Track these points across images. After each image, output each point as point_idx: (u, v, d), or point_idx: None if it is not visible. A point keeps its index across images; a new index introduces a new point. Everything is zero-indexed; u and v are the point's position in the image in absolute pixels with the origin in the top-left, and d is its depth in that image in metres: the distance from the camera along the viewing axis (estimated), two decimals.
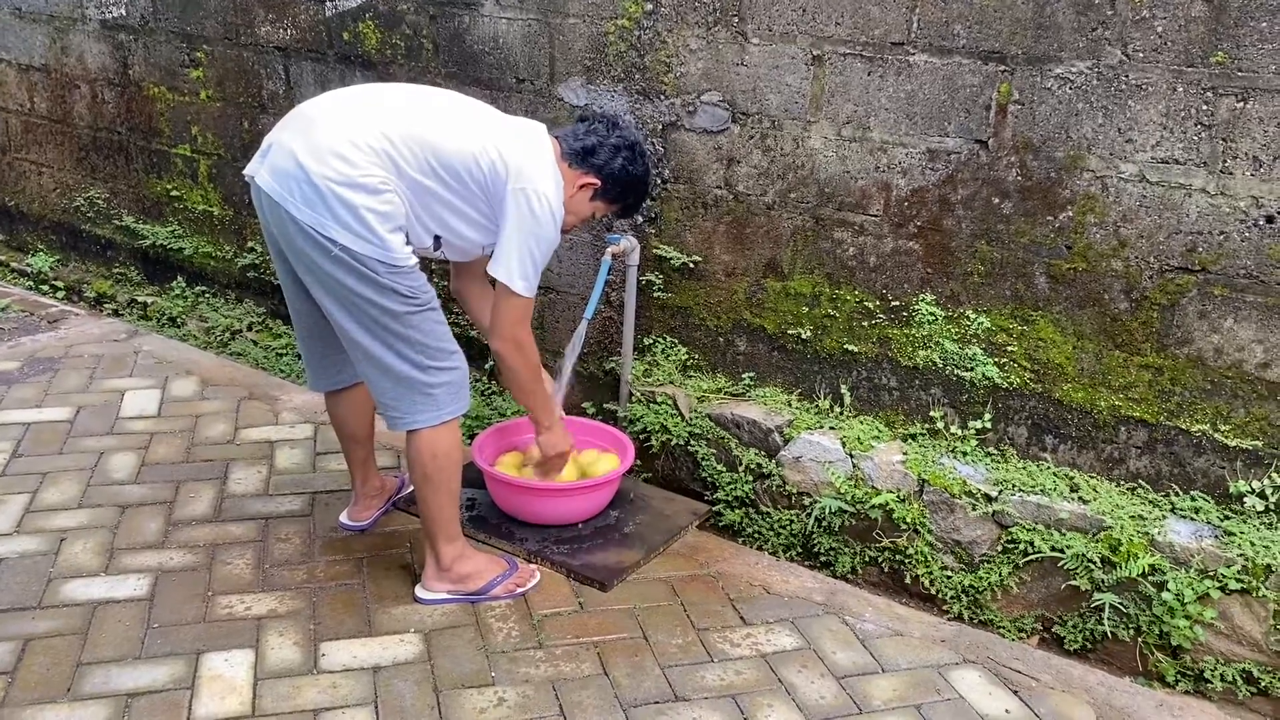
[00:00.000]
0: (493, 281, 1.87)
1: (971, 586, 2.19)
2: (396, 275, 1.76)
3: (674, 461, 2.60)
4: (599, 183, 1.91)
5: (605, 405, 2.75)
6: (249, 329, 3.45)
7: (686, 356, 2.66)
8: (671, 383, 2.64)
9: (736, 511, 2.50)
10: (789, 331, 2.49)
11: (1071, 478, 2.16)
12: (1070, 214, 2.05)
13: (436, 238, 1.84)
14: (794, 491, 2.41)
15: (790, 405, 2.50)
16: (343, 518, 2.32)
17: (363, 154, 1.71)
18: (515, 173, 1.80)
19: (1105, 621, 2.00)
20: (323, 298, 1.79)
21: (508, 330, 1.89)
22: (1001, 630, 2.14)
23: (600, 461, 2.41)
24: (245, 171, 1.81)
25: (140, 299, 3.63)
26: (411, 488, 2.35)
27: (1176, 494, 2.05)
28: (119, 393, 2.86)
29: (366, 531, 2.31)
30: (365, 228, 1.71)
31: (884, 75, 2.18)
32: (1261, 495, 1.94)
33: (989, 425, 2.27)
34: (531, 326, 1.94)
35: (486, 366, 2.86)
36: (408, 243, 1.78)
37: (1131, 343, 2.05)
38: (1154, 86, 1.90)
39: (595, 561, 2.21)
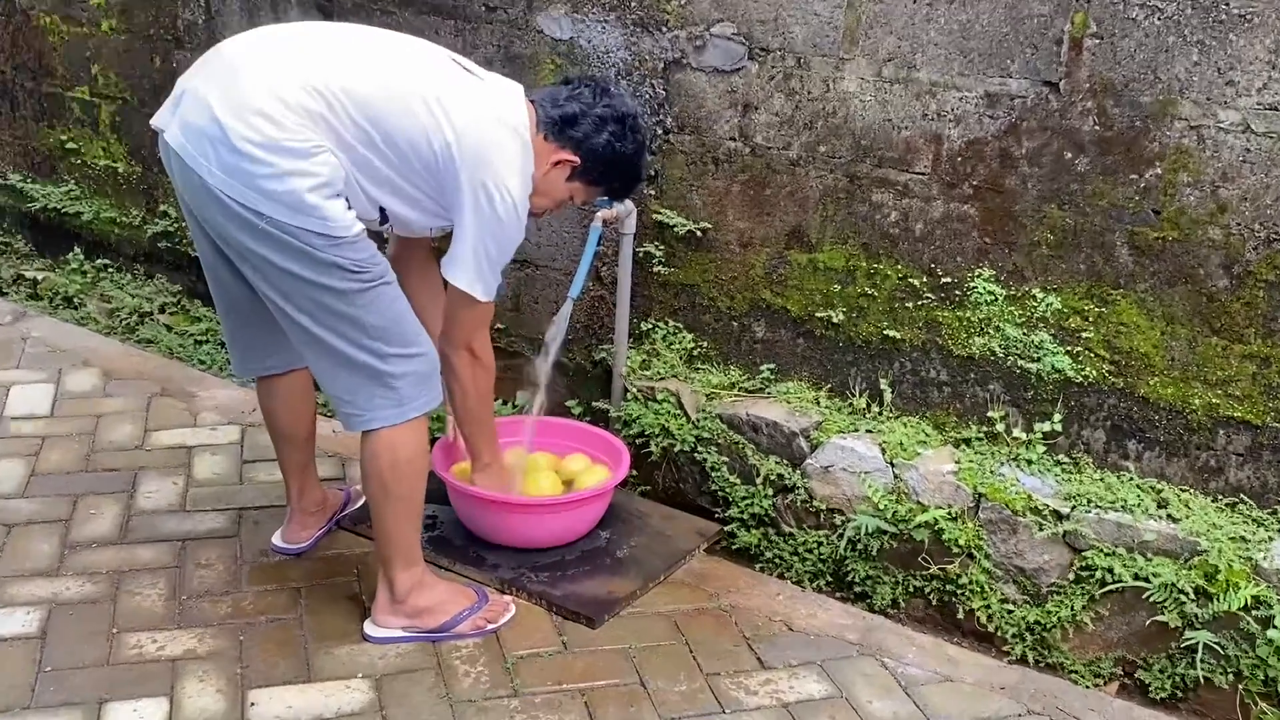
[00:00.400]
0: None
1: (1037, 623, 2.20)
2: (338, 248, 1.76)
3: (677, 472, 2.62)
4: (577, 160, 1.90)
5: (595, 404, 2.78)
6: (161, 310, 3.44)
7: (693, 345, 2.68)
8: (675, 376, 2.66)
9: (753, 532, 2.51)
10: (817, 314, 2.50)
11: (1159, 491, 2.17)
12: (1158, 171, 2.04)
13: (382, 210, 1.86)
14: (823, 508, 2.43)
15: (819, 404, 2.53)
16: (276, 539, 2.34)
17: (292, 114, 1.70)
18: (474, 159, 1.79)
19: (1199, 665, 1.99)
20: (254, 278, 1.80)
21: (463, 337, 1.92)
22: (1074, 675, 2.15)
23: (588, 472, 2.44)
24: (153, 123, 1.81)
25: (28, 274, 3.60)
26: (360, 502, 2.40)
27: None
28: (2, 388, 2.86)
29: (305, 555, 2.33)
30: (295, 195, 1.71)
31: (933, 3, 2.18)
32: None
33: (1059, 428, 2.27)
34: (505, 310, 1.94)
35: None
36: (349, 209, 1.78)
37: (1232, 328, 2.04)
38: (1261, 17, 1.89)
39: (582, 592, 2.22)
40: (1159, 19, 1.97)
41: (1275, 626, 1.92)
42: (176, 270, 3.50)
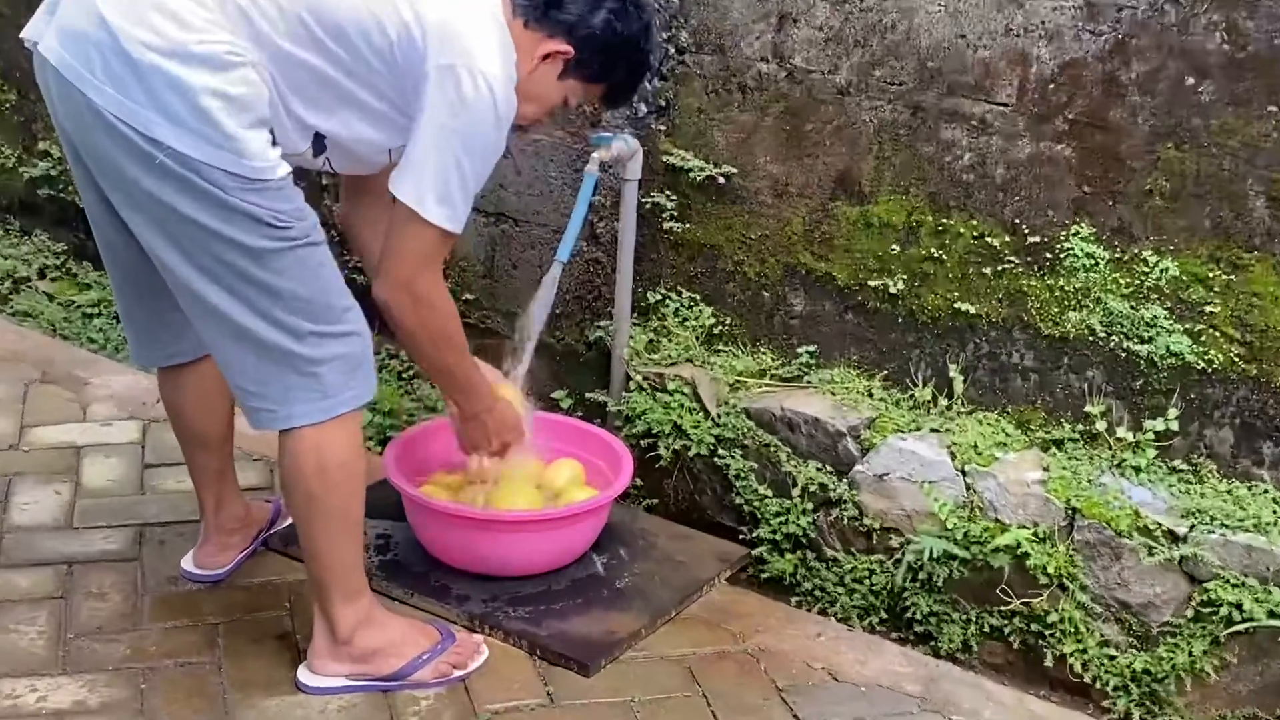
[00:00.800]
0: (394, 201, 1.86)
1: (1146, 672, 2.21)
2: (256, 193, 1.73)
3: (693, 481, 2.64)
4: (570, 50, 1.88)
5: (588, 395, 2.80)
6: (41, 275, 3.41)
7: (713, 321, 2.70)
8: (690, 360, 2.67)
9: (788, 557, 2.52)
10: (870, 283, 2.51)
11: None
12: None
13: (318, 137, 1.84)
14: (875, 527, 2.43)
15: (871, 395, 2.53)
16: (187, 563, 2.34)
17: (202, 10, 1.67)
18: (439, 41, 1.76)
19: None
20: (143, 229, 1.77)
21: (403, 272, 1.86)
22: None
23: (578, 482, 2.45)
24: (25, 35, 1.79)
25: None
26: (290, 519, 2.35)
27: None
28: None
29: (224, 584, 2.33)
30: (206, 121, 1.67)
31: None
32: None
33: (1174, 426, 2.27)
34: (476, 277, 1.93)
35: None
36: (274, 144, 1.76)
37: None
38: None
39: (572, 631, 2.22)
40: None
41: None
42: (61, 225, 3.47)
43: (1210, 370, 2.24)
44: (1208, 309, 2.22)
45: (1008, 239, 2.37)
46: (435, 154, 1.79)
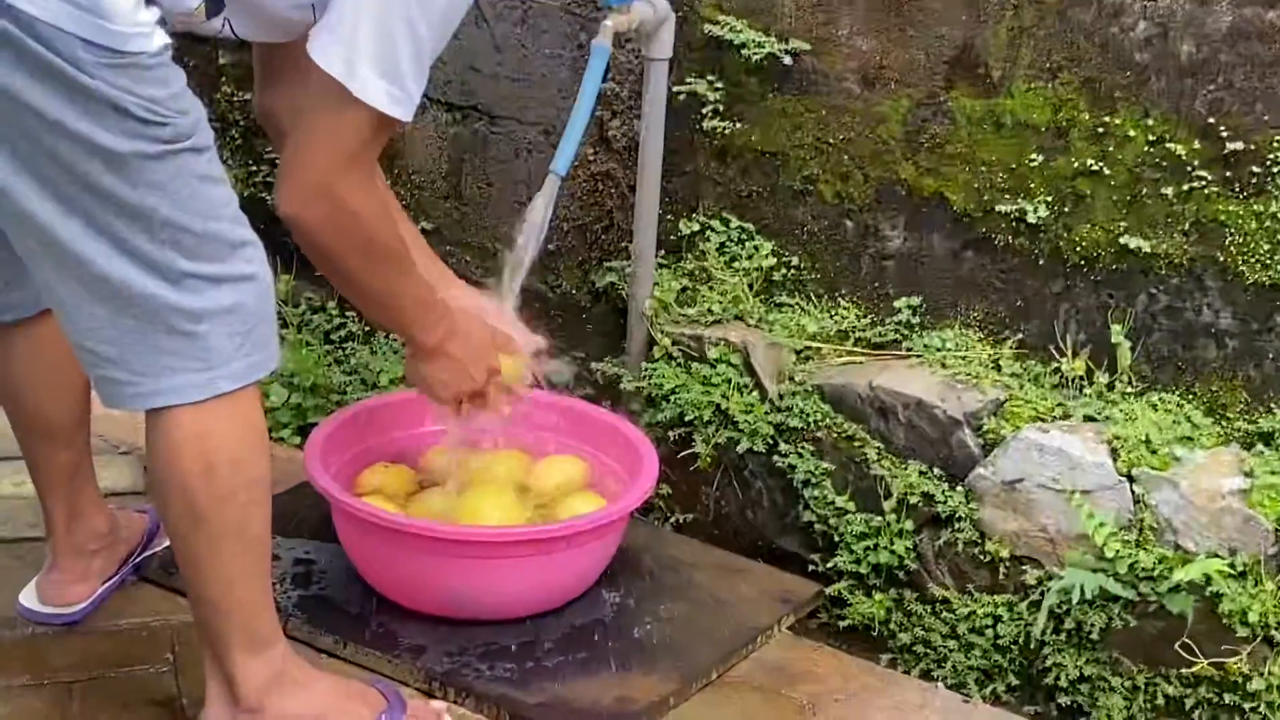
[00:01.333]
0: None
1: None
2: (121, 72, 1.74)
3: (743, 489, 2.67)
4: None
5: (594, 365, 2.83)
6: None
7: (774, 261, 2.73)
8: (741, 318, 2.69)
9: (877, 597, 2.55)
10: (1000, 208, 2.53)
11: None
12: None
13: None
14: (1003, 554, 2.45)
15: (999, 369, 2.55)
16: (28, 598, 2.33)
17: None
18: None
19: None
20: None
21: (317, 171, 1.91)
22: None
23: (580, 485, 2.49)
24: None
25: None
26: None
27: None
28: None
29: (81, 626, 2.32)
30: None
31: None
32: None
33: None
34: (437, 197, 1.99)
35: None
36: (149, 2, 1.77)
37: None
38: None
39: (572, 699, 2.22)
40: None
41: None
42: None
43: None
44: None
45: (1197, 146, 2.37)
46: (374, 6, 1.81)
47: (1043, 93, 2.46)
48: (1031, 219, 2.50)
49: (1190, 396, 2.45)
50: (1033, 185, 2.50)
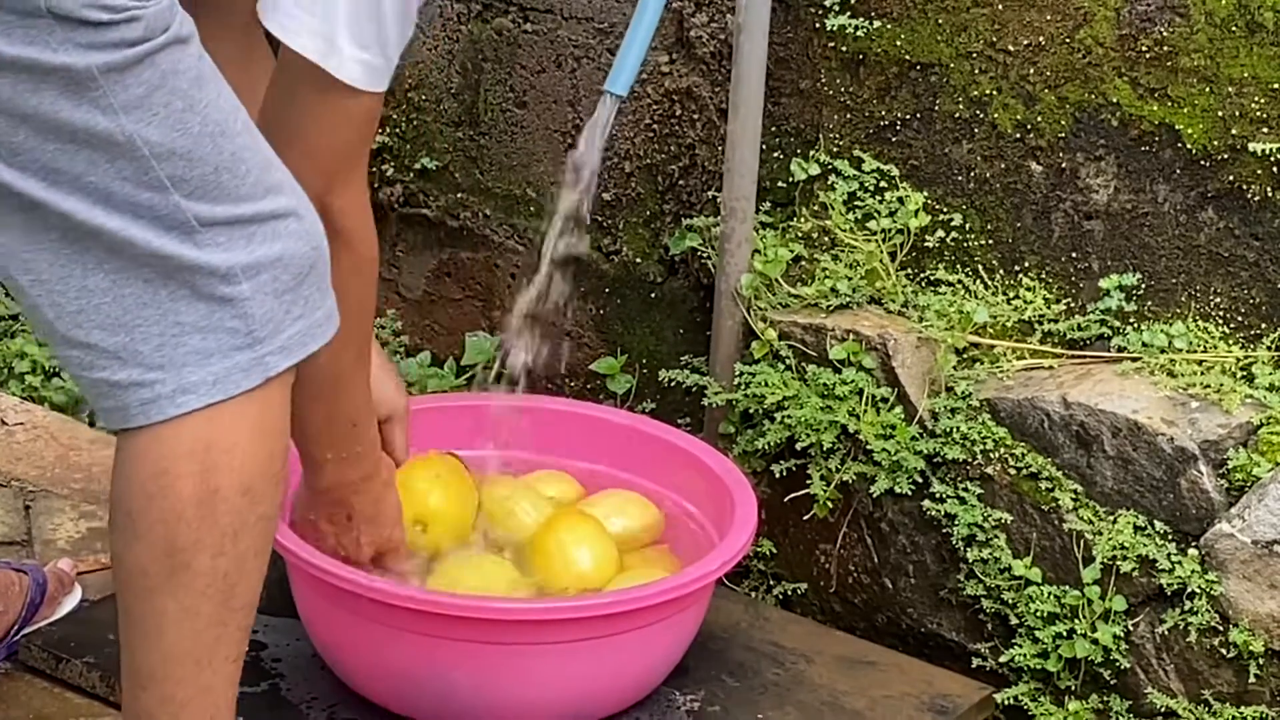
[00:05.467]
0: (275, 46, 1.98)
1: None
2: None
3: (878, 545, 2.67)
4: None
5: (664, 369, 2.85)
6: None
7: (924, 220, 2.72)
8: (876, 301, 2.70)
9: (1072, 707, 2.51)
10: (1255, 147, 2.49)
11: None
12: None
13: None
14: (1255, 647, 2.39)
15: (1253, 380, 2.51)
16: None
17: None
18: None
19: None
20: None
21: (311, 176, 1.97)
22: None
23: (642, 544, 2.51)
24: None
25: None
26: (72, 599, 2.47)
27: None
28: None
29: None
30: None
31: None
32: None
33: None
34: (452, 135, 2.13)
35: None
36: None
37: None
38: None
39: None
40: None
41: None
42: None
43: None
44: None
45: None
46: None
47: None
48: None
49: None
50: None
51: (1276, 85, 2.45)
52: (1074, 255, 2.62)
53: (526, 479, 2.58)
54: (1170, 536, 2.42)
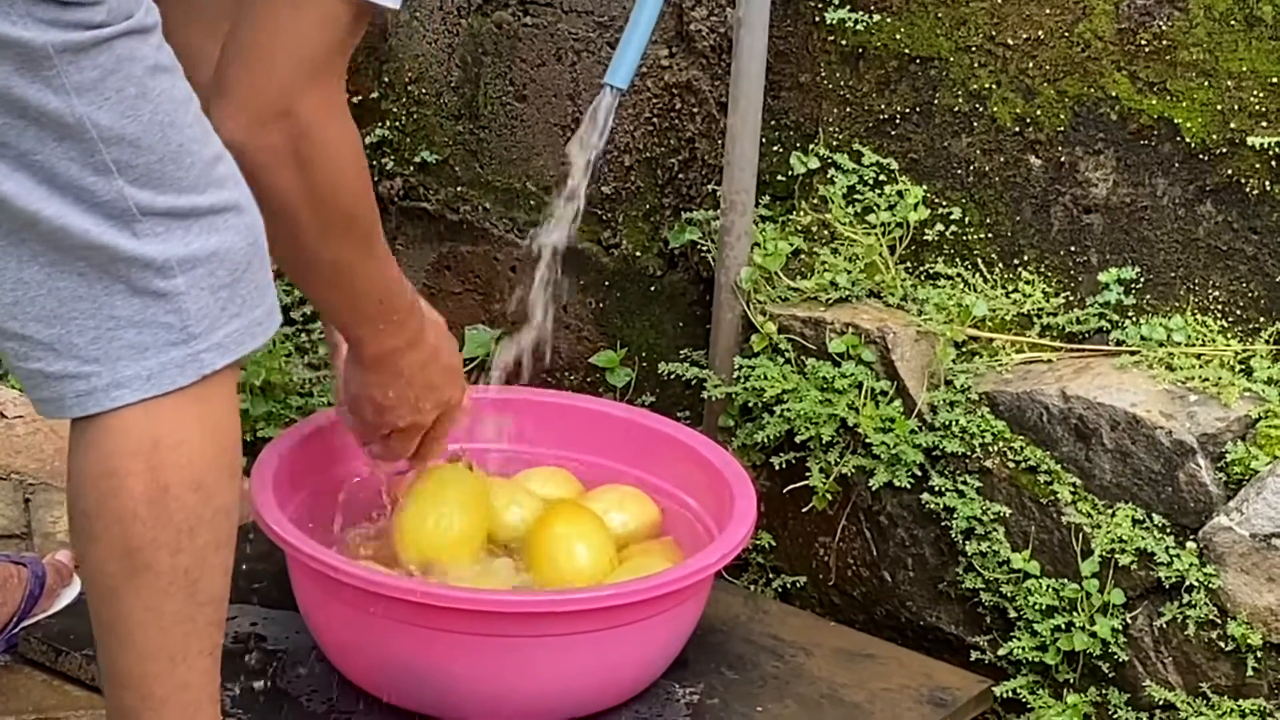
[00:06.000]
0: None
1: None
2: None
3: (877, 537, 2.67)
4: None
5: (664, 362, 2.84)
6: None
7: (924, 214, 2.72)
8: (875, 294, 2.71)
9: (1071, 700, 2.52)
10: (1254, 141, 2.50)
11: None
12: None
13: None
14: (1253, 641, 2.40)
15: (1250, 373, 2.52)
16: None
17: None
18: None
19: None
20: None
21: (274, 85, 1.98)
22: None
23: (642, 537, 2.51)
24: None
25: None
26: (72, 591, 2.48)
27: None
28: None
29: None
30: None
31: None
32: None
33: None
34: (450, 125, 2.04)
35: None
36: None
37: None
38: None
39: None
40: None
41: None
42: None
43: None
44: None
45: None
46: None
47: None
48: None
49: None
50: None
51: (1275, 79, 2.46)
52: (1073, 249, 2.63)
53: (517, 478, 2.59)
54: (1169, 530, 2.43)
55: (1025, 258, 2.66)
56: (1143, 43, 2.52)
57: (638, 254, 2.90)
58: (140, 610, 1.90)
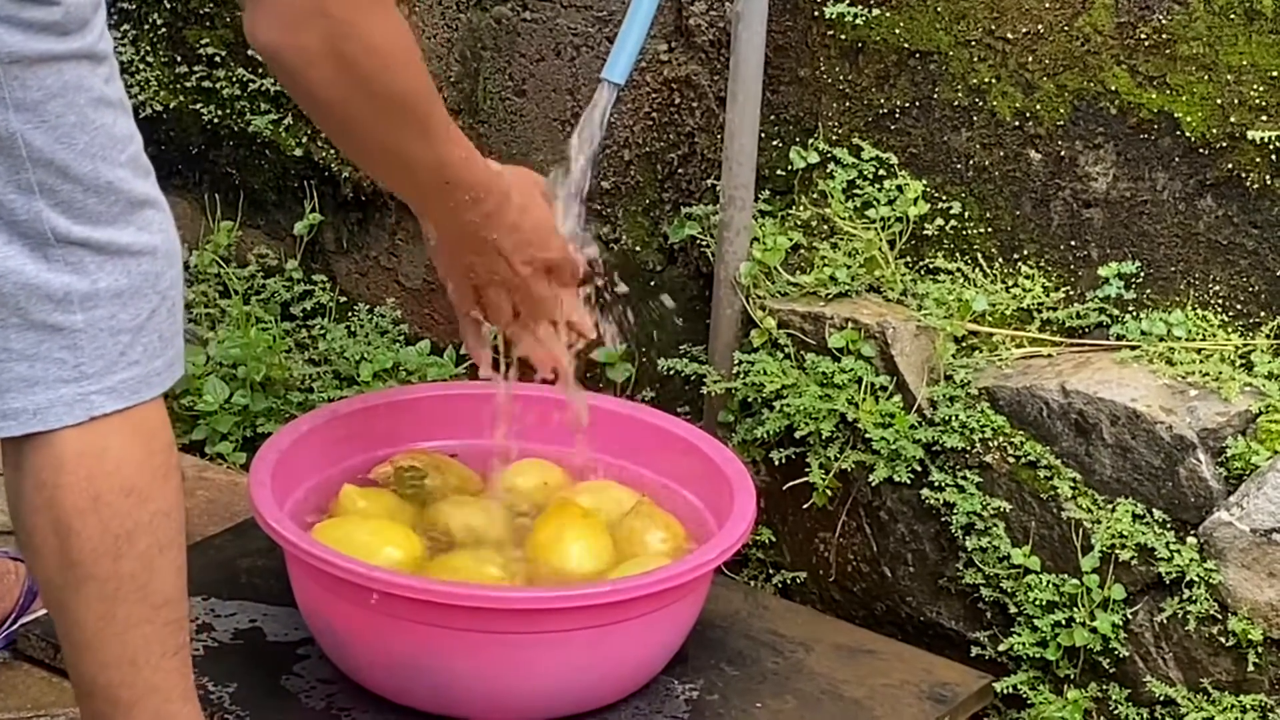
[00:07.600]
0: None
1: None
2: None
3: (877, 533, 2.68)
4: None
5: (663, 358, 2.86)
6: None
7: (923, 208, 2.74)
8: (875, 289, 2.72)
9: (1071, 695, 2.53)
10: (1253, 135, 2.50)
11: None
12: None
13: None
14: (1254, 636, 2.41)
15: (1251, 368, 2.53)
16: None
17: None
18: None
19: None
20: None
21: None
22: None
23: (643, 532, 2.48)
24: None
25: None
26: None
27: None
28: None
29: None
30: None
31: None
32: None
33: None
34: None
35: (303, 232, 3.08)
36: None
37: None
38: None
39: None
40: None
41: None
42: None
43: None
44: None
45: None
46: None
47: None
48: None
49: None
50: None
51: (1275, 73, 2.46)
52: (1073, 243, 2.64)
53: (502, 472, 2.60)
54: (1169, 525, 2.44)
55: (1025, 252, 2.67)
56: (1142, 36, 2.52)
57: (637, 249, 2.92)
58: (93, 619, 1.91)
